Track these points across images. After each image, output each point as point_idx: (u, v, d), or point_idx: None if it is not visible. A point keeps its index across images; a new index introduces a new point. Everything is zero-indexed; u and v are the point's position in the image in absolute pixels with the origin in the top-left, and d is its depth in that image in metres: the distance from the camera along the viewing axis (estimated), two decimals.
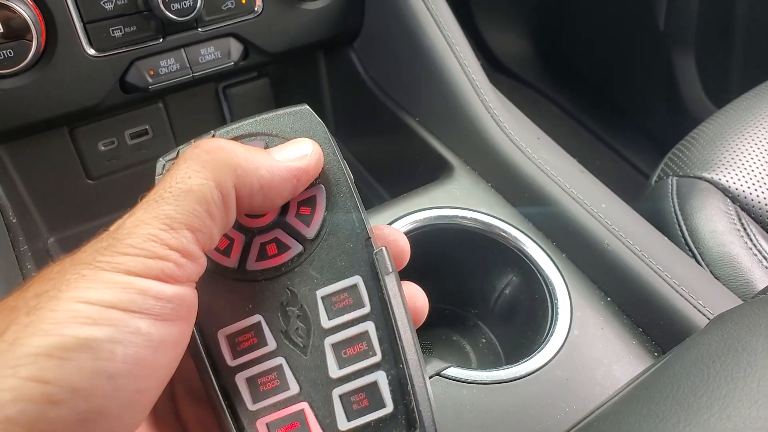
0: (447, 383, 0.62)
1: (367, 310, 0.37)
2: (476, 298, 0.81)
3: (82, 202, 0.97)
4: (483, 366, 0.77)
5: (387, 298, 0.37)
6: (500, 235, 0.75)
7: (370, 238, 0.38)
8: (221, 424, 0.35)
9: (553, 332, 0.66)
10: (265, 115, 0.40)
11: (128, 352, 0.28)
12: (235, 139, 0.39)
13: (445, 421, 0.59)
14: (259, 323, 0.37)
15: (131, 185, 1.00)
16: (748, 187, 0.86)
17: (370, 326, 0.37)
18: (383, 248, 0.38)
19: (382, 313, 0.37)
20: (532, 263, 0.73)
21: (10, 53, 0.70)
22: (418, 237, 0.75)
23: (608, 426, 0.38)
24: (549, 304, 0.69)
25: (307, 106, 0.40)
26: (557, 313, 0.68)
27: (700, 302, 0.64)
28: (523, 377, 0.62)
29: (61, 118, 0.82)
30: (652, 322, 0.66)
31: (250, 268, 0.37)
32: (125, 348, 0.28)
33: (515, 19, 1.78)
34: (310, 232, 0.38)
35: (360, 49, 1.03)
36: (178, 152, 0.38)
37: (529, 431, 0.59)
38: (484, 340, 0.80)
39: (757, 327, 0.40)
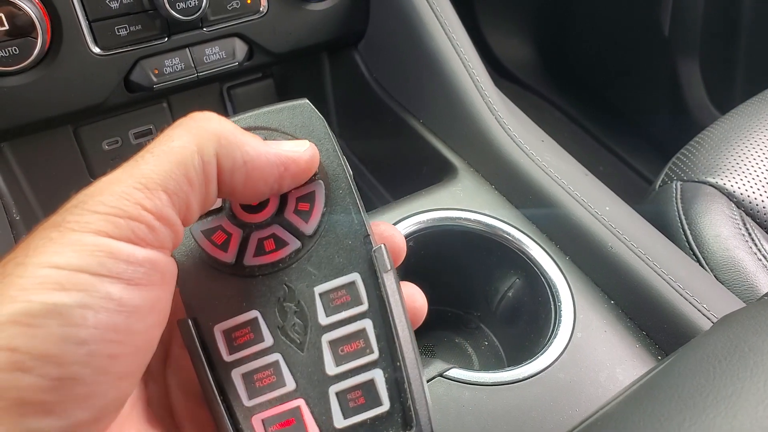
0: (449, 384, 0.61)
1: (365, 307, 0.37)
2: (479, 300, 0.81)
3: None
4: (485, 368, 0.77)
5: (385, 295, 0.37)
6: (503, 237, 0.75)
7: (369, 235, 0.38)
8: (217, 420, 0.35)
9: (556, 335, 0.66)
10: (264, 109, 0.40)
11: (99, 317, 0.28)
12: None
13: (446, 422, 0.59)
14: (255, 319, 0.37)
15: None
16: (753, 192, 0.86)
17: (367, 324, 0.37)
18: (382, 245, 0.37)
19: (380, 311, 0.37)
20: (536, 266, 0.73)
21: (15, 51, 0.71)
22: (421, 239, 0.75)
23: (612, 425, 0.37)
24: (552, 306, 0.69)
25: (307, 101, 0.40)
26: (560, 316, 0.68)
27: (705, 306, 0.64)
28: (526, 379, 0.62)
29: (65, 117, 0.82)
30: (655, 325, 0.66)
31: (248, 264, 0.37)
32: (96, 313, 0.28)
33: (519, 25, 1.78)
34: (308, 228, 0.38)
35: (364, 50, 1.03)
36: None
37: None
38: (486, 343, 0.80)
39: (763, 328, 0.40)
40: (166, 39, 0.81)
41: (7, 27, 0.69)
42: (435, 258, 0.75)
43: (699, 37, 1.43)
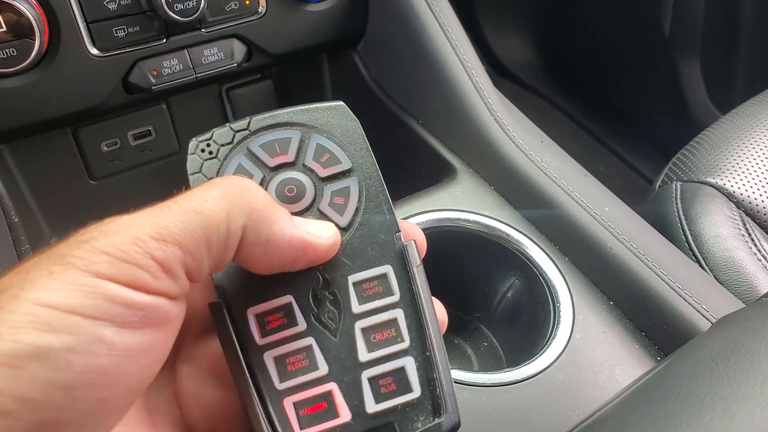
0: None
1: (396, 298, 0.38)
2: (478, 301, 0.81)
3: (84, 202, 0.97)
4: (484, 369, 0.76)
5: (416, 288, 0.38)
6: (503, 238, 0.75)
7: (399, 231, 0.39)
8: (246, 402, 0.35)
9: (555, 336, 0.66)
10: (301, 107, 0.41)
11: (87, 361, 0.27)
12: (272, 126, 0.40)
13: None
14: (290, 304, 0.37)
15: (134, 186, 1.00)
16: (753, 192, 0.85)
17: (399, 313, 0.38)
18: (413, 241, 0.39)
19: (411, 303, 0.38)
20: (535, 266, 0.72)
21: (13, 52, 0.70)
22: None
23: (609, 427, 0.37)
24: (551, 307, 0.69)
25: (343, 103, 0.41)
26: (559, 317, 0.67)
27: (704, 307, 0.64)
28: (525, 380, 0.62)
29: (64, 118, 0.81)
30: (655, 326, 0.66)
31: None
32: (84, 358, 0.27)
33: (520, 25, 1.78)
34: (342, 221, 0.39)
35: (364, 51, 1.03)
36: (212, 134, 0.39)
37: None
38: (485, 344, 0.80)
39: (760, 329, 0.40)
40: (165, 40, 0.81)
41: (4, 28, 0.68)
42: (434, 259, 0.75)
43: (700, 37, 1.43)
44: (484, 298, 0.80)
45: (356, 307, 0.37)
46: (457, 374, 0.62)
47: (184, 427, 0.37)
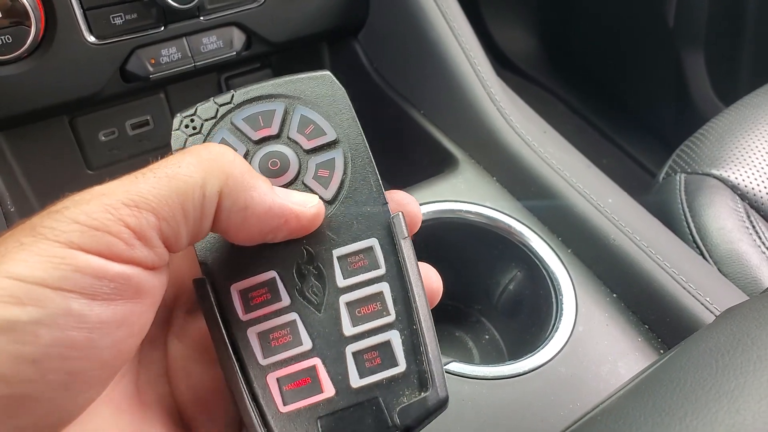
0: (449, 378, 0.60)
1: (382, 271, 0.37)
2: (480, 293, 0.80)
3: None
4: (486, 362, 0.76)
5: (402, 261, 0.37)
6: (505, 229, 0.74)
7: (386, 203, 0.39)
8: (229, 378, 0.35)
9: (557, 328, 0.66)
10: (286, 78, 0.40)
11: (56, 335, 0.27)
12: (256, 99, 0.40)
13: (446, 417, 0.58)
14: (273, 279, 0.37)
15: None
16: (757, 185, 0.85)
17: (384, 287, 0.37)
18: (399, 213, 0.38)
19: (397, 276, 0.37)
20: (537, 258, 0.72)
21: (8, 39, 0.70)
22: (421, 231, 0.74)
23: (613, 420, 0.37)
24: (553, 299, 0.69)
25: (329, 72, 0.41)
26: (562, 309, 0.67)
27: (708, 299, 0.63)
28: (527, 373, 0.62)
29: (60, 107, 0.81)
30: (658, 318, 0.66)
31: None
32: (52, 331, 0.27)
33: (523, 16, 1.77)
34: (327, 194, 0.38)
35: (365, 40, 1.02)
36: (196, 109, 0.39)
37: (532, 428, 0.59)
38: (487, 336, 0.80)
39: (766, 321, 0.39)
40: (163, 28, 0.80)
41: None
42: (435, 250, 0.74)
43: (704, 29, 1.42)
44: (486, 290, 0.79)
45: (341, 281, 0.37)
46: (458, 367, 0.62)
47: (172, 404, 0.37)
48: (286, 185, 0.38)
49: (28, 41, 0.71)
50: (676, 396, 0.35)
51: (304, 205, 0.36)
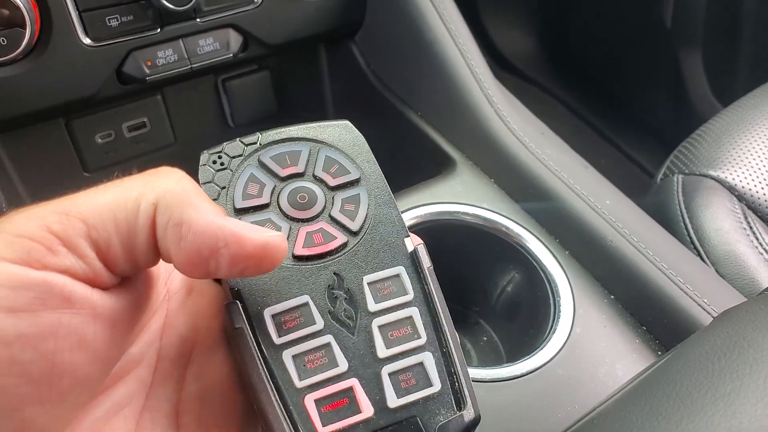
0: None
1: (410, 297, 0.39)
2: (478, 295, 0.80)
3: None
4: (484, 364, 0.76)
5: (428, 287, 0.39)
6: (502, 231, 0.74)
7: (409, 236, 0.41)
8: (263, 401, 0.35)
9: (555, 330, 0.66)
10: (309, 125, 0.43)
11: None
12: (281, 141, 0.42)
13: None
14: (306, 303, 0.37)
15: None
16: (755, 186, 0.85)
17: (414, 312, 0.38)
18: (422, 244, 0.40)
19: (424, 301, 0.39)
20: (535, 260, 0.72)
21: (3, 41, 0.69)
22: (418, 233, 0.74)
23: (609, 423, 0.37)
24: (551, 301, 0.69)
25: (348, 122, 0.44)
26: (559, 311, 0.67)
27: (705, 300, 0.63)
28: (524, 375, 0.62)
29: (56, 109, 0.81)
30: (656, 320, 0.66)
31: (297, 253, 0.39)
32: None
33: (521, 17, 1.77)
34: (354, 225, 0.40)
35: (362, 42, 1.02)
36: (223, 147, 0.41)
37: (530, 430, 0.58)
38: (485, 338, 0.80)
39: (762, 323, 0.39)
40: (159, 30, 0.80)
41: None
42: (433, 252, 0.74)
43: (702, 30, 1.42)
44: (484, 292, 0.79)
45: (372, 306, 0.38)
46: None
47: None
48: (314, 218, 0.40)
49: (23, 43, 0.70)
50: (673, 399, 0.35)
51: (250, 232, 0.32)
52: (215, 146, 0.40)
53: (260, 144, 0.41)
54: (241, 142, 0.41)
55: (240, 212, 0.39)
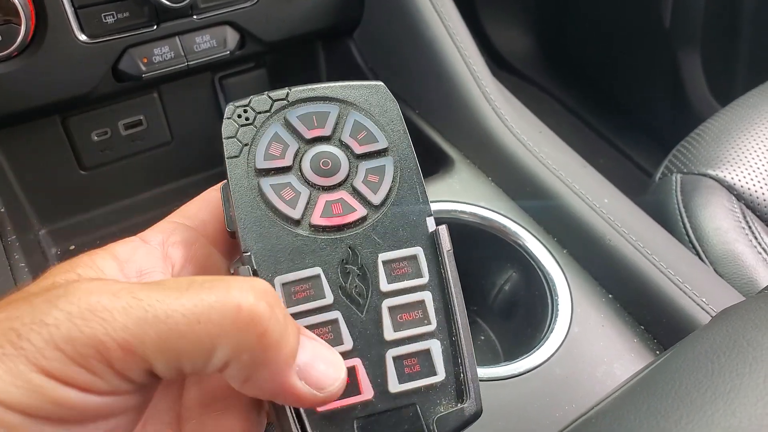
0: None
1: (425, 280, 0.38)
2: (475, 294, 0.80)
3: (74, 193, 0.96)
4: (481, 363, 0.76)
5: (445, 272, 0.38)
6: (500, 229, 0.74)
7: (432, 215, 0.39)
8: None
9: (552, 329, 0.65)
10: (342, 83, 0.41)
11: None
12: (311, 99, 0.40)
13: None
14: (318, 276, 0.37)
15: (125, 176, 0.99)
16: (753, 185, 0.85)
17: (427, 296, 0.38)
18: (444, 225, 0.39)
19: (439, 286, 0.38)
20: (533, 259, 0.72)
21: None
22: None
23: (608, 422, 0.37)
24: (549, 300, 0.68)
25: (383, 84, 0.42)
26: (557, 310, 0.67)
27: (704, 300, 0.63)
28: (522, 374, 0.62)
29: (52, 106, 0.80)
30: (654, 319, 0.65)
31: (314, 223, 0.38)
32: None
33: (519, 16, 1.77)
34: (376, 199, 0.39)
35: (360, 39, 1.02)
36: (250, 100, 0.40)
37: (528, 429, 0.58)
38: (482, 337, 0.79)
39: (762, 322, 0.39)
40: (155, 27, 0.80)
41: None
42: None
43: (700, 29, 1.42)
44: (481, 291, 0.79)
45: (384, 285, 0.37)
46: None
47: None
48: (335, 186, 0.39)
49: (18, 39, 0.70)
50: (672, 398, 0.35)
51: (321, 388, 0.32)
52: (242, 98, 0.40)
53: (288, 101, 0.40)
54: (269, 96, 0.40)
55: (260, 173, 0.38)
